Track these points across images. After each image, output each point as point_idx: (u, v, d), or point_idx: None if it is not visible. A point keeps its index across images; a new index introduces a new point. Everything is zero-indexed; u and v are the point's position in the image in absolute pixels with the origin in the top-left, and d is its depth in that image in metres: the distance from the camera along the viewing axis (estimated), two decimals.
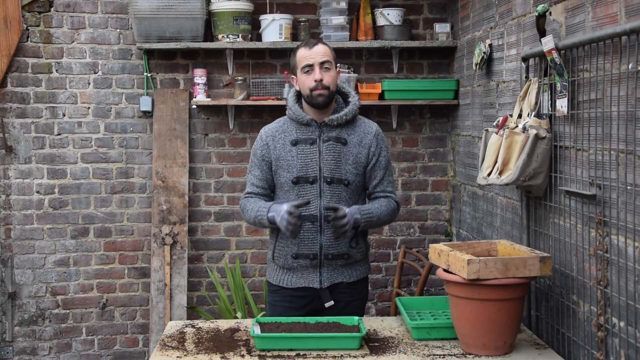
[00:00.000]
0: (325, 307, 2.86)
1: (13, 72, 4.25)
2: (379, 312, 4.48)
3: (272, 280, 2.96)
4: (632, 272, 2.03)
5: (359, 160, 2.85)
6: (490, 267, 2.27)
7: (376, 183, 2.90)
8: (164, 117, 4.32)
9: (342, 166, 2.82)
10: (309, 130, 2.84)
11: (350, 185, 2.83)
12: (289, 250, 2.84)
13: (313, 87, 2.77)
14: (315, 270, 2.85)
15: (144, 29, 4.11)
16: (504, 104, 3.25)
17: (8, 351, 4.30)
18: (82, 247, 4.36)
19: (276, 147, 2.86)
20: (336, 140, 2.82)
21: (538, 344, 2.52)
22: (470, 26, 3.87)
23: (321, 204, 2.80)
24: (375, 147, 2.88)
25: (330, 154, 2.81)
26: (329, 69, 2.79)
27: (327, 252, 2.82)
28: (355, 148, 2.85)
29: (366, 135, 2.88)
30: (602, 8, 2.22)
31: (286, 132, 2.87)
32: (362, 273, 2.94)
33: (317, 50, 2.80)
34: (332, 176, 2.80)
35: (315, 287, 2.85)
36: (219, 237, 4.43)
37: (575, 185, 2.41)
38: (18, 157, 4.29)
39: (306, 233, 2.81)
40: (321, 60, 2.78)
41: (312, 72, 2.78)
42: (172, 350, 2.47)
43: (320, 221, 2.80)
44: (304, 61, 2.79)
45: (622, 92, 2.07)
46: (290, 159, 2.82)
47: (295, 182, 2.81)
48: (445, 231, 4.47)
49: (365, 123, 2.92)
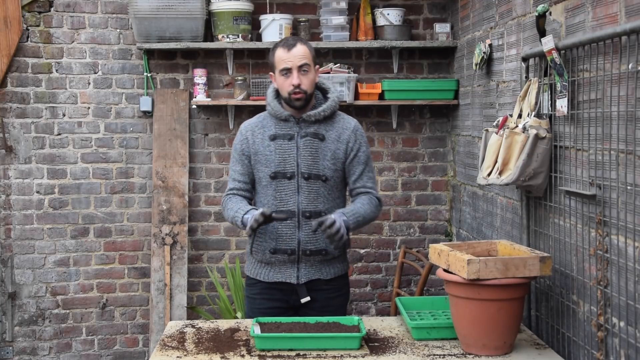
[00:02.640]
0: (302, 302, 2.85)
1: (13, 72, 4.26)
2: (379, 312, 4.48)
3: (249, 273, 2.95)
4: (632, 272, 2.03)
5: (337, 155, 2.84)
6: (490, 267, 2.27)
7: (355, 178, 2.89)
8: (164, 117, 4.32)
9: (319, 162, 2.81)
10: (287, 125, 2.83)
11: (329, 181, 2.82)
12: (267, 245, 2.83)
13: (291, 91, 2.76)
14: (292, 266, 2.84)
15: (144, 29, 4.11)
16: (504, 104, 3.25)
17: (8, 351, 4.30)
18: (82, 247, 4.36)
19: (255, 141, 2.86)
20: (314, 136, 2.81)
21: (538, 344, 2.52)
22: (470, 26, 3.87)
23: (299, 200, 2.79)
24: (354, 142, 2.87)
25: (308, 150, 2.80)
26: (307, 71, 2.77)
27: (305, 247, 2.81)
28: (333, 144, 2.83)
29: (344, 130, 2.86)
30: (602, 8, 2.22)
31: (265, 127, 2.87)
32: (340, 270, 2.93)
33: (296, 52, 2.76)
34: (310, 172, 2.80)
35: (293, 282, 2.85)
36: (219, 237, 4.43)
37: (575, 185, 2.41)
38: (18, 157, 4.29)
39: (284, 229, 2.80)
40: (299, 63, 2.75)
41: (290, 75, 2.75)
42: (172, 350, 2.47)
43: (299, 217, 2.79)
44: (282, 64, 2.76)
45: (622, 92, 2.07)
46: (269, 153, 2.82)
47: (273, 177, 2.81)
48: (445, 231, 4.47)
49: (344, 119, 2.91)
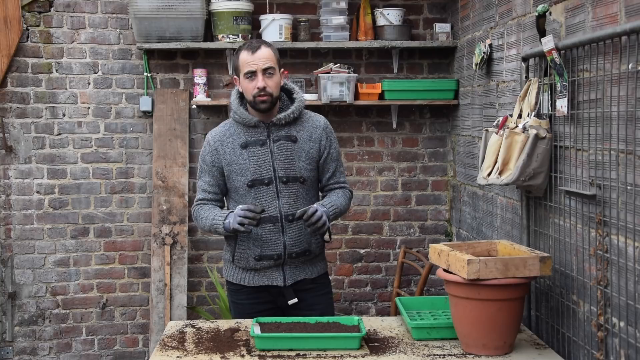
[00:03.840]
0: (289, 304, 2.85)
1: (13, 72, 4.25)
2: (379, 312, 4.47)
3: (231, 279, 2.92)
4: (632, 272, 2.03)
5: (311, 155, 2.84)
6: (490, 267, 2.27)
7: (329, 175, 2.91)
8: (164, 117, 4.32)
9: (295, 163, 2.80)
10: (258, 131, 2.81)
11: (306, 181, 2.82)
12: (251, 252, 2.82)
13: (256, 94, 2.73)
14: (278, 269, 2.84)
15: (144, 29, 4.10)
16: (504, 104, 3.25)
17: (8, 351, 4.30)
18: (82, 247, 4.36)
19: (226, 151, 2.82)
20: (286, 139, 2.80)
21: (538, 344, 2.52)
22: (470, 26, 3.87)
23: (280, 204, 2.78)
24: (326, 140, 2.88)
25: (283, 153, 2.79)
26: (272, 74, 2.74)
27: (291, 250, 2.81)
28: (306, 144, 2.83)
29: (315, 129, 2.86)
30: (602, 8, 2.22)
31: (234, 136, 2.83)
32: (322, 268, 2.96)
33: (260, 55, 2.73)
34: (287, 175, 2.79)
35: (280, 285, 2.84)
36: (219, 237, 4.41)
37: (575, 185, 2.41)
38: (18, 157, 4.29)
39: (268, 234, 2.79)
40: (264, 66, 2.72)
41: (255, 78, 2.73)
42: (172, 350, 2.47)
43: (282, 221, 2.79)
44: (247, 67, 2.74)
45: (622, 92, 2.07)
46: (242, 162, 2.79)
47: (250, 186, 2.78)
48: (445, 231, 4.47)
49: (312, 117, 2.90)
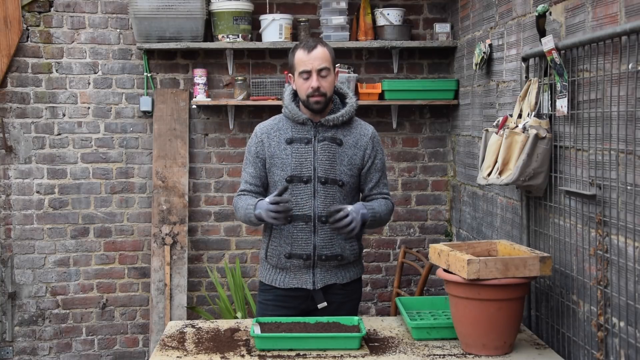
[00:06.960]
0: (318, 308, 2.83)
1: (13, 72, 4.25)
2: (379, 312, 4.48)
3: (264, 280, 2.92)
4: (632, 272, 2.03)
5: (353, 162, 2.82)
6: (490, 267, 2.27)
7: (372, 185, 2.88)
8: (164, 117, 4.32)
9: (336, 167, 2.79)
10: (305, 129, 2.81)
11: (345, 186, 2.80)
12: (282, 249, 2.82)
13: (310, 94, 2.73)
14: (308, 271, 2.82)
15: (144, 29, 4.10)
16: (504, 104, 3.25)
17: (8, 351, 4.30)
18: (82, 247, 4.36)
19: (271, 144, 2.83)
20: (331, 141, 2.79)
21: (538, 344, 2.52)
22: (470, 26, 3.87)
23: (315, 204, 2.77)
24: (371, 149, 2.86)
25: (325, 154, 2.78)
26: (327, 74, 2.75)
27: (321, 252, 2.79)
28: (351, 149, 2.82)
29: (362, 137, 2.85)
30: (602, 8, 2.22)
31: (281, 130, 2.84)
32: (356, 274, 2.92)
33: (316, 55, 2.73)
34: (327, 176, 2.78)
35: (309, 288, 2.82)
36: (219, 237, 4.43)
37: (575, 185, 2.41)
38: (18, 157, 4.29)
39: (299, 233, 2.78)
40: (319, 67, 2.72)
41: (310, 78, 2.73)
42: (172, 350, 2.47)
43: (314, 221, 2.78)
44: (302, 66, 2.74)
45: (622, 92, 2.07)
46: (285, 157, 2.79)
47: (289, 181, 2.77)
48: (445, 231, 4.47)
49: (361, 125, 2.89)
